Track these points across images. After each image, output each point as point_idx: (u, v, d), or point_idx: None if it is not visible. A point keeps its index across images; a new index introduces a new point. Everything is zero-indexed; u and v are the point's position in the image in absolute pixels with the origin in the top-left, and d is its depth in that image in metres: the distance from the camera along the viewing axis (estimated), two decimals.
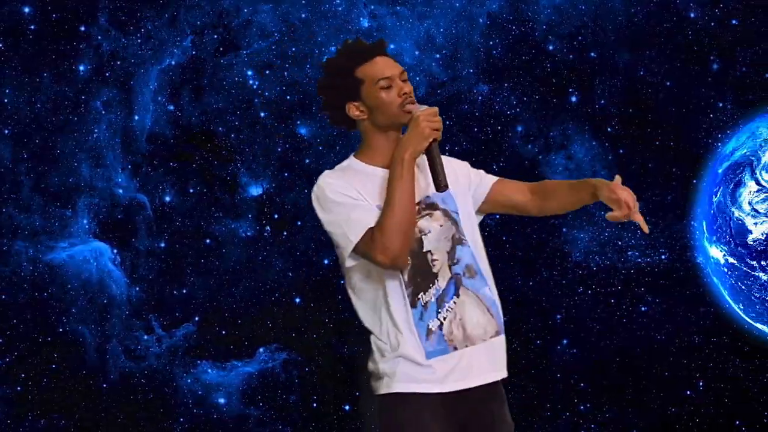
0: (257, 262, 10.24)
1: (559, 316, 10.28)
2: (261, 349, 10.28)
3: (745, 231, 10.24)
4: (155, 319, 10.19)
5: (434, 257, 3.94)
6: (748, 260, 10.26)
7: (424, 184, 4.07)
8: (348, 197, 3.92)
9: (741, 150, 10.36)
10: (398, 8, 10.28)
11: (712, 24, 10.24)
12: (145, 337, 10.17)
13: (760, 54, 10.22)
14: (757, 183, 10.24)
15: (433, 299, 3.89)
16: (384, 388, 3.90)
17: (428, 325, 3.87)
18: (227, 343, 10.25)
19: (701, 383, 10.18)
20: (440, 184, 3.90)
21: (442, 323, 3.89)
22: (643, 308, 10.11)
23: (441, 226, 4.00)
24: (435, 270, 3.93)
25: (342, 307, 10.27)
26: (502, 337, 4.21)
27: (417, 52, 10.30)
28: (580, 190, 4.17)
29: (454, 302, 3.92)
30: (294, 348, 10.28)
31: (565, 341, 10.30)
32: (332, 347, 10.30)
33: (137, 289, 10.17)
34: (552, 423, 10.31)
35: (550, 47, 10.31)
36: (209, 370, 10.24)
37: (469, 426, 3.99)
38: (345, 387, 10.29)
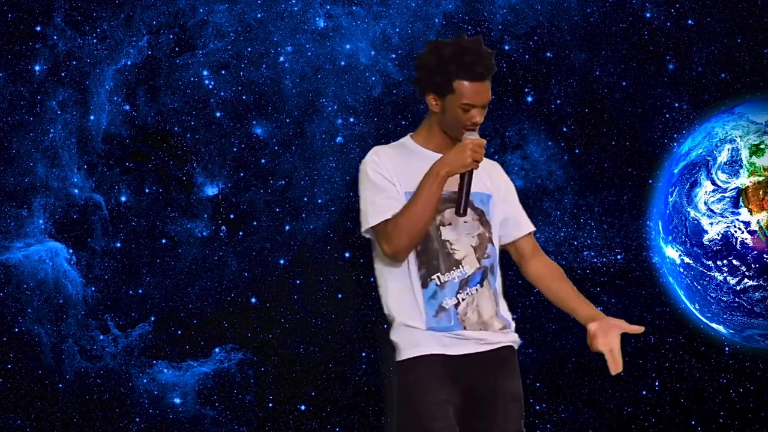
0: (213, 262, 9.79)
1: (515, 316, 9.66)
2: (217, 350, 9.81)
3: (700, 231, 9.73)
4: (111, 319, 9.73)
5: (454, 247, 3.97)
6: (703, 260, 9.75)
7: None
8: (384, 179, 4.00)
9: (697, 150, 9.85)
10: (354, 8, 9.80)
11: (668, 24, 9.75)
12: (101, 337, 9.70)
13: (716, 54, 9.74)
14: (713, 183, 9.73)
15: (456, 280, 3.94)
16: (396, 357, 4.00)
17: (441, 303, 3.92)
18: (183, 343, 9.77)
19: (657, 383, 9.71)
20: (460, 210, 3.93)
21: (459, 303, 3.95)
22: (598, 308, 9.53)
23: (466, 222, 4.01)
24: (458, 257, 3.98)
25: (297, 308, 9.77)
26: (509, 330, 4.37)
27: (373, 52, 9.82)
28: (576, 309, 4.44)
29: (476, 290, 3.99)
30: (250, 348, 9.81)
31: (520, 341, 9.71)
32: (288, 347, 9.81)
33: (93, 289, 9.73)
34: None
35: (506, 47, 9.83)
36: (165, 370, 9.77)
37: (476, 388, 3.97)
38: (301, 387, 9.79)
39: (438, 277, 3.90)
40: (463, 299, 3.92)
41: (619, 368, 3.98)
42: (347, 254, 9.97)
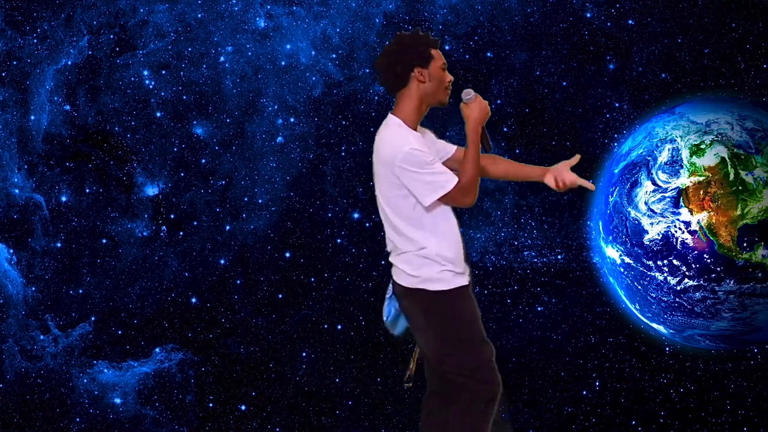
0: (153, 262, 9.08)
1: None
2: (157, 350, 9.11)
3: (641, 231, 9.03)
4: (51, 319, 9.01)
5: None
6: (644, 260, 9.06)
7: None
8: (429, 155, 4.44)
9: (637, 150, 9.16)
10: (294, 8, 9.10)
11: (609, 24, 9.07)
12: (42, 337, 8.99)
13: (657, 54, 9.05)
14: (654, 183, 9.04)
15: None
16: (441, 286, 4.49)
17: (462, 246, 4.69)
18: (123, 343, 9.08)
19: (598, 383, 9.01)
20: (488, 148, 4.70)
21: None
22: (539, 308, 8.94)
23: None
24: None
25: (238, 308, 9.10)
26: None
27: (313, 52, 9.12)
28: (527, 173, 4.97)
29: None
30: (190, 348, 9.11)
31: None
32: (229, 347, 9.12)
33: (33, 289, 9.01)
34: None
35: (447, 47, 9.12)
36: (105, 370, 9.07)
37: None
38: (242, 387, 9.11)
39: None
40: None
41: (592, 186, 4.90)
42: (288, 254, 9.32)
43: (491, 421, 4.74)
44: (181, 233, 9.06)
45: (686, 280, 9.06)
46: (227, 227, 9.08)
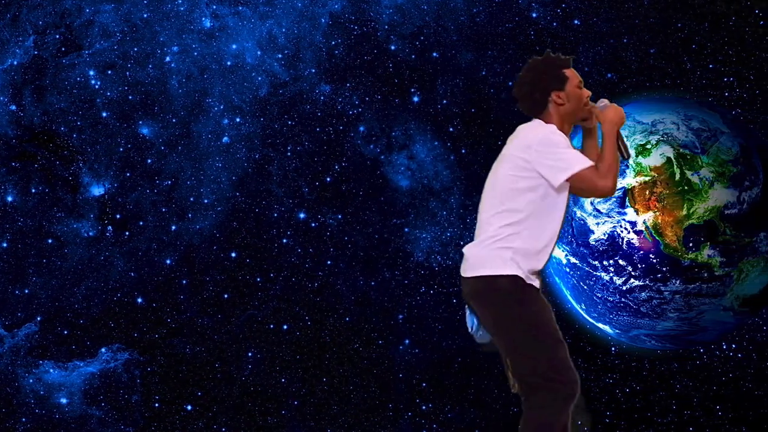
0: (99, 262, 8.38)
1: (401, 316, 8.42)
2: (103, 350, 8.42)
3: (587, 231, 8.37)
4: None
5: None
6: (590, 260, 8.40)
7: None
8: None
9: None
10: (240, 8, 8.41)
11: (555, 24, 8.39)
12: None
13: (603, 54, 8.38)
14: None
15: None
16: (520, 272, 4.00)
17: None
18: (69, 343, 8.38)
19: None
20: (626, 155, 4.34)
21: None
22: None
23: None
24: None
25: (184, 308, 8.44)
26: None
27: (259, 52, 8.44)
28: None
29: None
30: (136, 348, 8.42)
31: (407, 341, 8.47)
32: (174, 347, 8.45)
33: None
34: (394, 423, 8.47)
35: (392, 47, 8.46)
36: (51, 370, 8.36)
37: None
38: (187, 387, 8.44)
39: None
40: None
41: None
42: (233, 254, 8.65)
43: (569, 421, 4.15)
44: (127, 233, 8.37)
45: (632, 280, 8.41)
46: (173, 227, 8.41)
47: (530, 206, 4.00)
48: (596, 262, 8.36)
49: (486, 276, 3.93)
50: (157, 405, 8.31)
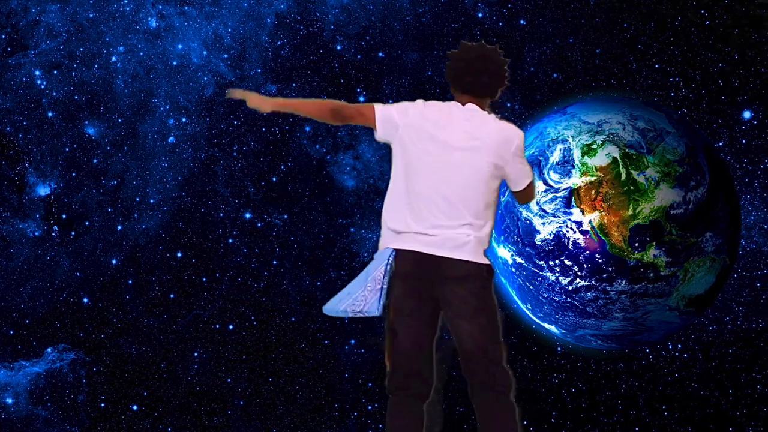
0: (45, 262, 7.71)
1: (347, 318, 7.79)
2: (49, 350, 7.74)
3: (533, 231, 7.72)
4: None
5: None
6: (536, 260, 7.75)
7: None
8: None
9: (529, 150, 7.85)
10: (186, 8, 7.74)
11: (500, 24, 7.74)
12: None
13: (548, 54, 7.73)
14: (545, 183, 7.72)
15: None
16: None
17: None
18: (15, 343, 7.69)
19: None
20: None
21: None
22: None
23: None
24: None
25: (130, 308, 7.80)
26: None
27: (205, 52, 7.78)
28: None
29: None
30: (82, 348, 7.77)
31: (353, 341, 7.84)
32: (120, 347, 7.81)
33: None
34: (340, 423, 7.84)
35: (338, 47, 7.82)
36: None
37: None
38: (133, 387, 7.78)
39: None
40: None
41: None
42: (179, 254, 8.00)
43: None
44: (73, 233, 7.69)
45: (578, 280, 7.78)
46: (119, 227, 7.74)
47: (497, 201, 3.79)
48: (542, 262, 7.73)
49: (479, 263, 3.61)
50: (102, 405, 7.66)
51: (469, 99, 3.75)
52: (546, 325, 7.79)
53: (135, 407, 7.62)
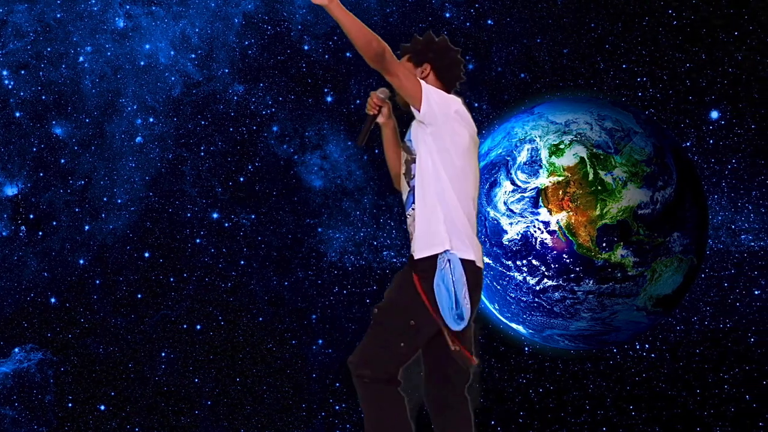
0: (12, 262, 7.33)
1: (314, 316, 7.39)
2: (16, 350, 7.35)
3: (500, 231, 7.36)
4: None
5: (402, 176, 3.50)
6: (503, 260, 7.38)
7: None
8: None
9: (497, 150, 7.50)
10: (154, 8, 7.38)
11: (468, 24, 7.37)
12: None
13: (516, 54, 7.37)
14: (513, 183, 7.36)
15: (404, 202, 3.49)
16: None
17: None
18: None
19: None
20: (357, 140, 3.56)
21: (407, 227, 3.44)
22: None
23: (398, 155, 3.59)
24: (401, 189, 3.52)
25: (97, 308, 7.43)
26: (422, 229, 3.34)
27: (172, 52, 7.41)
28: None
29: (413, 208, 3.37)
30: (50, 348, 7.40)
31: (320, 341, 7.48)
32: (88, 347, 7.45)
33: None
34: (308, 423, 7.48)
35: (306, 47, 7.46)
36: None
37: None
38: (101, 387, 7.41)
39: None
40: (408, 223, 3.43)
41: None
42: (147, 254, 7.63)
43: None
44: (41, 233, 7.31)
45: (545, 280, 7.41)
46: (86, 227, 7.36)
47: None
48: (509, 262, 7.36)
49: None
50: (70, 405, 7.29)
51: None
52: (513, 325, 7.44)
53: (102, 407, 7.24)
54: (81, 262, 7.16)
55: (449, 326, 3.28)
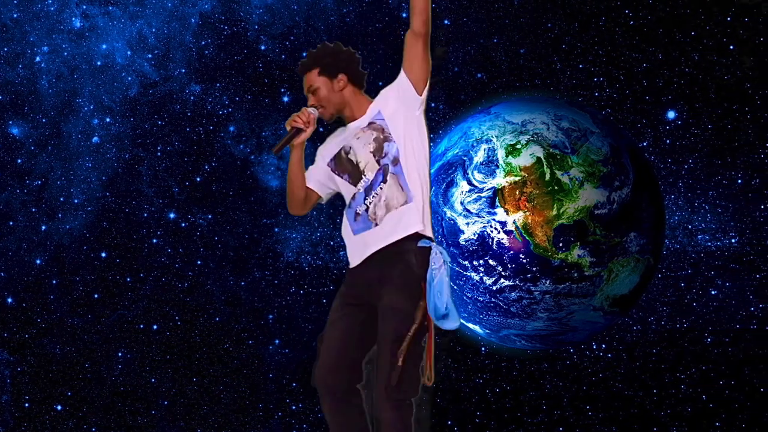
0: None
1: (271, 317, 6.94)
2: None
3: (457, 231, 6.89)
4: None
5: (359, 161, 3.19)
6: (460, 260, 6.92)
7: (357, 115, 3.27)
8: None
9: (453, 150, 7.04)
10: (110, 8, 6.91)
11: None
12: None
13: (472, 54, 6.93)
14: (469, 183, 6.90)
15: (361, 190, 3.15)
16: None
17: (356, 210, 3.15)
18: None
19: None
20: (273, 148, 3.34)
21: (368, 207, 3.12)
22: None
23: (358, 138, 3.21)
24: (362, 168, 3.18)
25: (54, 308, 6.98)
26: (410, 204, 3.11)
27: (129, 52, 6.95)
28: None
29: (381, 188, 3.13)
30: (6, 348, 6.91)
31: (277, 341, 7.02)
32: (44, 347, 6.99)
33: None
34: (264, 423, 7.03)
35: (262, 47, 6.98)
36: None
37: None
38: (57, 387, 6.95)
39: (354, 194, 3.17)
40: (370, 203, 3.14)
41: None
42: (104, 254, 7.16)
43: None
44: None
45: (502, 280, 6.95)
46: (43, 227, 6.88)
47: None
48: (466, 262, 6.90)
49: None
50: (27, 405, 6.81)
51: None
52: (470, 325, 6.98)
53: (59, 407, 6.77)
54: (38, 262, 6.70)
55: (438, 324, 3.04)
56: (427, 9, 3.12)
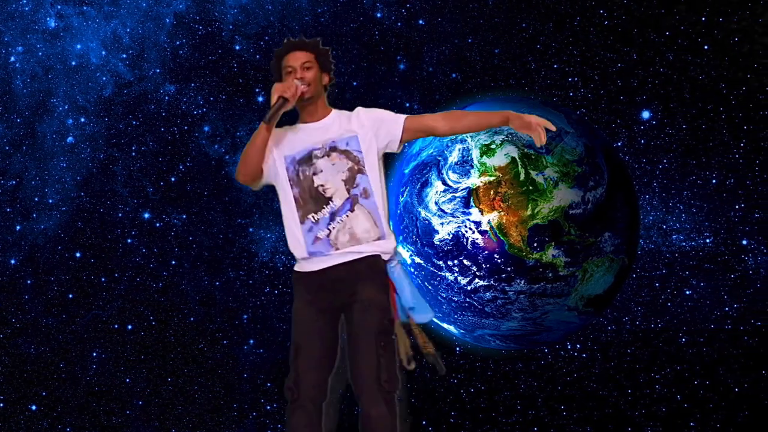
0: None
1: (245, 316, 6.68)
2: None
3: (431, 231, 6.63)
4: None
5: (326, 187, 3.18)
6: (434, 260, 6.66)
7: (326, 133, 3.25)
8: None
9: (428, 150, 6.79)
10: (85, 8, 6.64)
11: (399, 24, 6.64)
12: None
13: (447, 54, 6.64)
14: (444, 183, 6.64)
15: (327, 215, 3.16)
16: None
17: (316, 235, 3.16)
18: None
19: None
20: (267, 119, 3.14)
21: (330, 232, 3.15)
22: None
23: (333, 164, 3.20)
24: (328, 195, 3.18)
25: (28, 308, 6.72)
26: (383, 240, 3.19)
27: (104, 52, 6.67)
28: (491, 116, 3.33)
29: (347, 215, 3.16)
30: None
31: (251, 341, 6.76)
32: (19, 347, 6.73)
33: None
34: (239, 423, 6.77)
35: (237, 47, 6.72)
36: None
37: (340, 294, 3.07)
38: (32, 387, 6.68)
39: (312, 216, 3.16)
40: (333, 228, 3.14)
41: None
42: (78, 254, 6.89)
43: None
44: None
45: (477, 280, 6.68)
46: (17, 227, 6.65)
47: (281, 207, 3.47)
48: (441, 262, 6.63)
49: None
50: (1, 405, 6.58)
51: None
52: (445, 325, 6.72)
53: (34, 407, 6.49)
54: (12, 262, 6.42)
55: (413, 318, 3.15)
56: (466, 132, 3.27)
